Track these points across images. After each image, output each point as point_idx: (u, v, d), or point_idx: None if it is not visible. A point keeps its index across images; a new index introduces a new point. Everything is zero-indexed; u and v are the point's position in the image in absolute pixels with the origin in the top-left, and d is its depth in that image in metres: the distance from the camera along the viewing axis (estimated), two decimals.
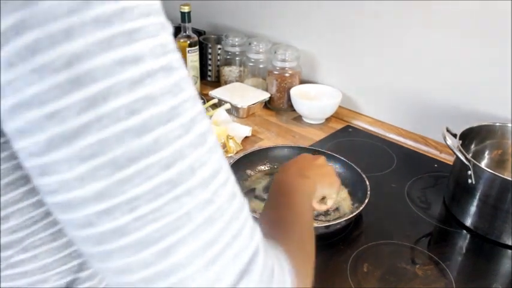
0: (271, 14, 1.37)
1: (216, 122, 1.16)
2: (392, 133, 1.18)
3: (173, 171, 0.28)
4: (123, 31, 0.26)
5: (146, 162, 0.27)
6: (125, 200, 0.27)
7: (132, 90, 0.26)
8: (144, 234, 0.27)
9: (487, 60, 0.99)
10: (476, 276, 0.76)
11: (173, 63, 0.29)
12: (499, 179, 0.78)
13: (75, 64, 0.25)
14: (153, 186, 0.27)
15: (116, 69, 0.26)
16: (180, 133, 0.28)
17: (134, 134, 0.27)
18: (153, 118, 0.27)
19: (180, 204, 0.28)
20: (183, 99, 0.29)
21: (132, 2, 0.27)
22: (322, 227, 0.80)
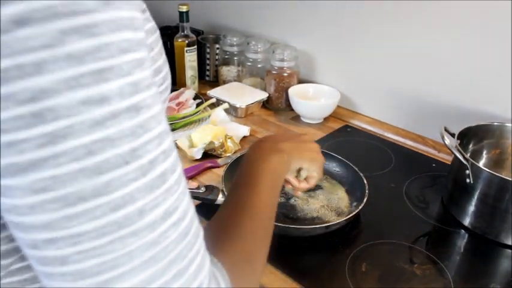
0: (270, 14, 1.37)
1: (214, 121, 1.16)
2: (391, 133, 1.18)
3: (120, 214, 0.28)
4: (94, 70, 0.26)
5: (95, 203, 0.27)
6: (69, 235, 0.28)
7: (93, 131, 0.27)
8: (83, 267, 0.28)
9: (485, 60, 0.99)
10: (475, 275, 0.76)
11: (143, 102, 0.29)
12: (497, 179, 0.78)
13: (40, 99, 0.25)
14: (98, 225, 0.28)
15: (79, 108, 0.26)
16: (136, 176, 0.29)
17: (88, 175, 0.27)
18: (109, 160, 0.27)
19: (124, 244, 0.29)
20: (145, 141, 0.29)
21: (111, 38, 0.27)
22: (322, 227, 0.79)
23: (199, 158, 1.03)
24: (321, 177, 0.68)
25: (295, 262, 0.76)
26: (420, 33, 1.07)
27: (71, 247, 0.28)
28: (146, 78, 0.29)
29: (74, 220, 0.27)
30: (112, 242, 0.28)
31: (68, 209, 0.27)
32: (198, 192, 0.80)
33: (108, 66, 0.27)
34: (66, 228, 0.27)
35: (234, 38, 1.38)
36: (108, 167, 0.27)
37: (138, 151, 0.28)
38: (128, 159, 0.28)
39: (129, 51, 0.28)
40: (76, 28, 0.25)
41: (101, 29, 0.26)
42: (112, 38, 0.27)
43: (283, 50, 1.26)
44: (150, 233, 0.29)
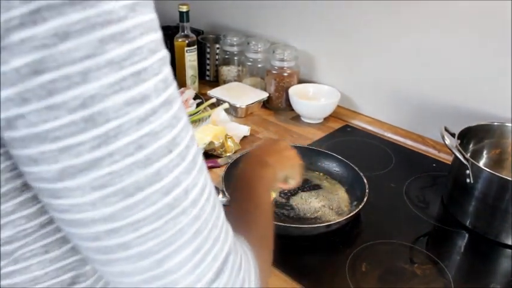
0: (270, 14, 1.37)
1: (215, 121, 1.16)
2: (391, 132, 1.18)
3: (171, 196, 0.31)
4: (133, 73, 0.28)
5: (150, 190, 0.30)
6: (130, 222, 0.31)
7: (140, 128, 0.29)
8: (144, 248, 0.31)
9: (485, 60, 0.99)
10: (475, 275, 0.76)
11: (173, 95, 0.32)
12: (497, 179, 0.78)
13: (90, 105, 0.27)
14: (155, 210, 0.31)
15: (125, 109, 0.28)
16: (178, 161, 0.32)
17: (140, 167, 0.30)
18: (157, 151, 0.30)
19: (176, 222, 0.32)
20: (180, 129, 0.32)
21: (142, 41, 0.29)
22: (323, 227, 0.79)
23: None
24: (300, 179, 0.75)
25: (295, 262, 0.76)
26: (421, 33, 1.07)
27: (133, 233, 0.31)
28: (170, 74, 0.32)
29: (134, 208, 0.30)
30: (167, 223, 0.31)
31: (127, 199, 0.30)
32: None
33: (143, 67, 0.29)
34: (127, 217, 0.30)
35: (234, 38, 1.38)
36: (157, 157, 0.30)
37: (176, 139, 0.32)
38: (170, 147, 0.31)
39: (157, 50, 0.30)
40: (112, 36, 0.27)
41: (133, 34, 0.28)
42: (142, 41, 0.29)
43: (284, 49, 1.26)
44: (194, 209, 0.33)
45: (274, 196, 0.90)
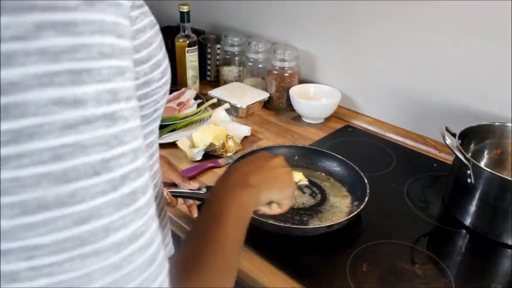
0: (271, 14, 1.37)
1: (216, 121, 1.16)
2: (392, 133, 1.18)
3: (84, 229, 0.26)
4: (69, 70, 0.25)
5: (57, 213, 0.25)
6: (24, 246, 0.25)
7: (63, 134, 0.25)
8: (35, 286, 0.25)
9: (486, 60, 0.99)
10: (476, 275, 0.76)
11: (121, 113, 0.27)
12: (498, 179, 0.78)
13: (8, 93, 0.23)
14: (59, 239, 0.25)
15: (50, 108, 0.24)
16: (105, 189, 0.26)
17: (52, 181, 0.25)
18: (78, 168, 0.25)
19: (83, 264, 0.26)
20: (119, 154, 0.27)
21: (92, 39, 0.25)
22: (324, 227, 0.79)
23: (199, 160, 1.03)
24: (292, 204, 0.67)
25: (296, 262, 0.76)
26: (422, 33, 1.07)
27: (24, 261, 0.25)
28: (127, 90, 0.28)
29: (32, 230, 0.25)
30: (71, 260, 0.26)
31: (26, 217, 0.24)
32: (199, 193, 0.80)
33: (85, 68, 0.25)
34: (21, 238, 0.25)
35: (235, 38, 1.38)
36: (76, 175, 0.25)
37: (110, 163, 0.27)
38: (98, 169, 0.26)
39: (111, 57, 0.27)
40: (53, 24, 0.24)
41: (80, 28, 0.25)
42: (92, 40, 0.26)
43: (284, 50, 1.26)
44: (114, 254, 0.27)
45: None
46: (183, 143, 1.07)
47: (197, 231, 0.48)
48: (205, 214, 0.51)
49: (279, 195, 0.63)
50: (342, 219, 0.81)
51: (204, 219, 0.50)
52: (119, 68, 0.27)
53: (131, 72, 0.29)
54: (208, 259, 0.43)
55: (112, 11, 0.27)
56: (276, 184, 0.61)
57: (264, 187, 0.58)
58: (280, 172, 0.63)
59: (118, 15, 0.28)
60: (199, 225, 0.50)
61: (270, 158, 0.64)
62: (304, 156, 1.00)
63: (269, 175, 0.60)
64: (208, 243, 0.45)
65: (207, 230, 0.47)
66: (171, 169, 0.79)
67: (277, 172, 0.62)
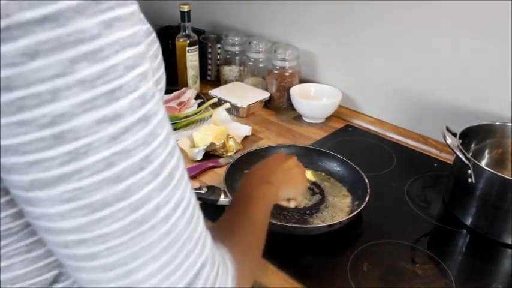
0: (271, 14, 1.37)
1: (216, 121, 1.16)
2: (393, 132, 1.18)
3: (140, 213, 0.32)
4: (105, 92, 0.28)
5: (118, 207, 0.31)
6: (97, 235, 0.31)
7: (110, 146, 0.29)
8: (111, 260, 0.32)
9: (487, 60, 0.99)
10: (476, 275, 0.76)
11: (150, 111, 0.31)
12: (499, 178, 0.78)
13: (59, 123, 0.27)
14: (122, 225, 0.31)
15: (96, 128, 0.28)
16: (150, 179, 0.32)
17: (109, 184, 0.30)
18: (127, 169, 0.30)
19: (144, 237, 0.32)
20: (155, 146, 0.32)
21: (117, 59, 0.29)
22: (325, 226, 0.79)
23: (200, 159, 1.03)
24: (302, 201, 0.78)
25: (296, 262, 0.76)
26: (422, 33, 1.07)
27: (100, 245, 0.31)
28: (150, 88, 0.32)
29: (101, 223, 0.31)
30: (134, 238, 0.32)
31: (95, 214, 0.30)
32: (200, 192, 0.80)
33: (117, 86, 0.29)
34: (94, 230, 0.31)
35: (236, 38, 1.38)
36: (126, 175, 0.30)
37: (150, 156, 0.31)
38: (142, 165, 0.31)
39: (134, 67, 0.30)
40: (84, 55, 0.27)
41: (106, 52, 0.28)
42: (117, 58, 0.29)
43: (285, 49, 1.26)
44: (165, 225, 0.33)
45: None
46: (183, 142, 1.07)
47: (232, 211, 0.58)
48: (237, 201, 0.61)
49: (294, 192, 0.72)
50: (342, 218, 0.81)
51: (236, 205, 0.60)
52: (142, 74, 0.31)
53: (151, 71, 0.32)
54: (244, 232, 0.52)
55: (128, 25, 0.30)
56: (291, 183, 0.70)
57: (282, 186, 0.67)
58: (294, 172, 0.72)
59: (132, 26, 0.30)
60: (233, 209, 0.59)
61: (285, 159, 0.73)
62: (304, 156, 1.00)
63: (285, 175, 0.69)
64: (243, 220, 0.54)
65: (241, 211, 0.57)
66: None
67: (292, 172, 0.71)
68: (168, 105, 1.23)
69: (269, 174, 0.67)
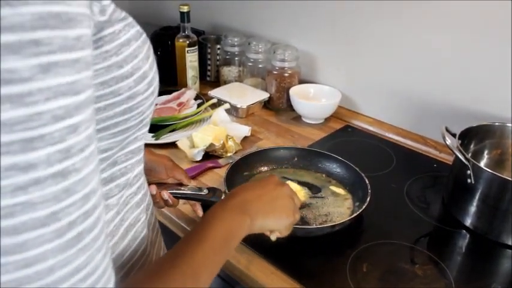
0: (271, 14, 1.37)
1: (216, 122, 1.16)
2: (392, 133, 1.18)
3: (31, 271, 0.29)
4: (24, 139, 0.26)
5: (8, 259, 0.28)
6: None
7: (15, 195, 0.27)
8: None
9: (486, 60, 0.99)
10: (476, 275, 0.76)
11: (71, 167, 0.29)
12: (498, 179, 0.78)
13: None
14: (9, 279, 0.28)
15: (3, 174, 0.26)
16: (51, 238, 0.29)
17: (6, 234, 0.27)
18: (27, 223, 0.28)
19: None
20: (68, 204, 0.29)
21: (46, 106, 0.26)
22: (328, 227, 0.79)
23: (199, 160, 1.03)
24: (286, 234, 0.65)
25: (296, 262, 0.76)
26: (422, 33, 1.07)
27: None
28: (80, 142, 0.29)
29: None
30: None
31: None
32: (201, 194, 0.80)
33: (38, 135, 0.26)
34: None
35: (235, 38, 1.38)
36: (25, 229, 0.28)
37: (58, 214, 0.29)
38: (46, 221, 0.28)
39: (64, 118, 0.28)
40: (9, 97, 0.25)
41: (35, 97, 0.26)
42: (46, 106, 0.27)
43: (284, 50, 1.26)
44: (60, 286, 0.30)
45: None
46: (183, 143, 1.07)
47: (182, 241, 0.49)
48: (196, 227, 0.52)
49: (275, 225, 0.62)
50: (344, 219, 0.80)
51: (193, 232, 0.51)
52: (72, 126, 0.28)
53: (88, 122, 0.30)
54: (175, 271, 0.44)
55: (69, 72, 0.28)
56: (274, 215, 0.60)
57: (261, 217, 0.58)
58: (281, 204, 0.62)
59: (76, 73, 0.28)
60: (187, 236, 0.50)
61: (275, 186, 0.63)
62: (304, 158, 1.00)
63: (269, 205, 0.60)
64: (182, 258, 0.46)
65: (190, 244, 0.48)
66: (175, 167, 0.80)
67: (278, 204, 0.61)
68: (168, 105, 1.23)
69: (250, 201, 0.58)
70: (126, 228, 0.48)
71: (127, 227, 0.48)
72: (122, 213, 0.47)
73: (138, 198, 0.50)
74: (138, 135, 0.46)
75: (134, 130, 0.43)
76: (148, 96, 0.42)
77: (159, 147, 1.09)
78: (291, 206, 0.63)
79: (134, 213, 0.50)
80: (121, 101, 0.39)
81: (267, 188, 0.62)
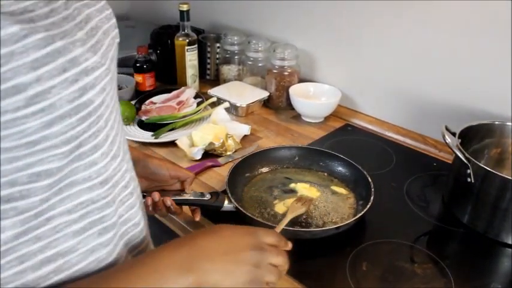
0: (270, 13, 1.37)
1: (215, 120, 1.16)
2: (392, 132, 1.18)
3: None
4: None
5: None
6: None
7: None
8: None
9: (486, 59, 0.99)
10: (475, 274, 0.76)
11: None
12: (498, 178, 0.78)
13: None
14: None
15: None
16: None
17: None
18: None
19: None
20: None
21: None
22: (333, 229, 0.79)
23: (199, 159, 1.03)
24: None
25: (295, 262, 0.75)
26: (422, 32, 1.07)
27: None
28: None
29: None
30: None
31: None
32: (204, 199, 0.79)
33: None
34: None
35: (235, 37, 1.37)
36: None
37: None
38: None
39: None
40: None
41: None
42: None
43: (284, 49, 1.26)
44: None
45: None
46: (182, 142, 1.06)
47: (115, 271, 0.47)
48: (132, 264, 0.48)
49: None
50: (348, 219, 0.80)
51: (124, 269, 0.47)
52: None
53: None
54: None
55: None
56: (232, 282, 0.50)
57: (213, 281, 0.48)
58: (248, 271, 0.51)
59: None
60: (120, 268, 0.47)
61: (248, 249, 0.52)
62: (305, 157, 1.00)
63: (231, 269, 0.50)
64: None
65: (115, 279, 0.45)
66: (178, 168, 0.79)
67: (245, 269, 0.50)
68: (167, 104, 1.23)
69: (207, 257, 0.49)
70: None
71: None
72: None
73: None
74: (45, 166, 0.40)
75: (22, 153, 0.38)
76: (29, 115, 0.36)
77: (158, 146, 1.09)
78: (259, 277, 0.52)
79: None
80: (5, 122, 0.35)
81: (238, 247, 0.51)
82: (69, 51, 0.38)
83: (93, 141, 0.43)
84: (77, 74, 0.39)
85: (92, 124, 0.42)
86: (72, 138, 0.40)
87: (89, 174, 0.44)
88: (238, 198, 0.87)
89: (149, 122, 1.16)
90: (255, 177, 0.97)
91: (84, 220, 0.45)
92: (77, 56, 0.39)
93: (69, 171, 0.42)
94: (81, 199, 0.44)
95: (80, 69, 0.39)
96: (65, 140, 0.40)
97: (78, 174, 0.43)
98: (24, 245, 0.41)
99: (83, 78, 0.40)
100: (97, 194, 0.46)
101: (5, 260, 0.40)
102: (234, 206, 0.81)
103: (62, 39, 0.38)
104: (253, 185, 0.94)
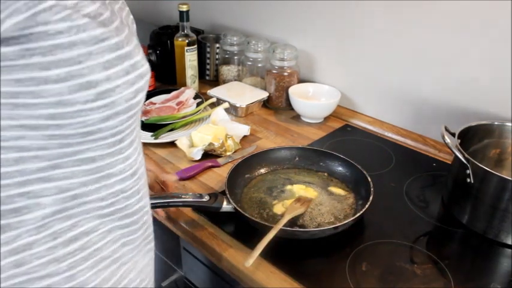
0: (270, 13, 1.37)
1: (215, 121, 1.16)
2: (391, 132, 1.18)
3: None
4: None
5: None
6: None
7: None
8: None
9: (486, 60, 0.99)
10: (475, 275, 0.76)
11: None
12: (497, 178, 0.78)
13: None
14: None
15: None
16: None
17: None
18: None
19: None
20: None
21: None
22: (331, 229, 0.79)
23: (198, 159, 1.03)
24: None
25: (295, 261, 0.76)
26: (421, 33, 1.07)
27: None
28: None
29: None
30: None
31: None
32: (202, 201, 0.79)
33: None
34: None
35: (234, 38, 1.38)
36: None
37: None
38: None
39: None
40: None
41: None
42: None
43: (284, 49, 1.26)
44: None
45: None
46: (182, 142, 1.06)
47: None
48: None
49: None
50: (348, 219, 0.80)
51: None
52: None
53: None
54: None
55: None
56: None
57: None
58: None
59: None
60: None
61: None
62: (305, 157, 1.00)
63: None
64: None
65: None
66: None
67: None
68: (167, 104, 1.23)
69: None
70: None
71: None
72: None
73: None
74: (91, 154, 0.44)
75: (76, 141, 0.42)
76: (94, 109, 0.41)
77: (158, 147, 1.09)
78: None
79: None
80: (45, 104, 0.38)
81: None
82: (132, 57, 0.44)
83: (131, 136, 0.48)
84: (136, 77, 0.44)
85: (134, 121, 0.47)
86: (119, 132, 0.45)
87: (124, 167, 0.49)
88: (237, 199, 0.87)
89: (149, 123, 1.16)
90: (255, 178, 0.97)
91: (111, 207, 0.49)
92: (136, 62, 0.44)
93: (108, 163, 0.46)
94: (114, 189, 0.49)
95: (138, 73, 0.44)
96: (113, 133, 0.44)
97: (116, 167, 0.47)
98: (57, 222, 0.45)
99: (139, 81, 0.45)
100: (127, 185, 0.50)
101: (41, 235, 0.44)
102: (233, 207, 0.81)
103: (127, 45, 0.43)
104: (253, 186, 0.94)
